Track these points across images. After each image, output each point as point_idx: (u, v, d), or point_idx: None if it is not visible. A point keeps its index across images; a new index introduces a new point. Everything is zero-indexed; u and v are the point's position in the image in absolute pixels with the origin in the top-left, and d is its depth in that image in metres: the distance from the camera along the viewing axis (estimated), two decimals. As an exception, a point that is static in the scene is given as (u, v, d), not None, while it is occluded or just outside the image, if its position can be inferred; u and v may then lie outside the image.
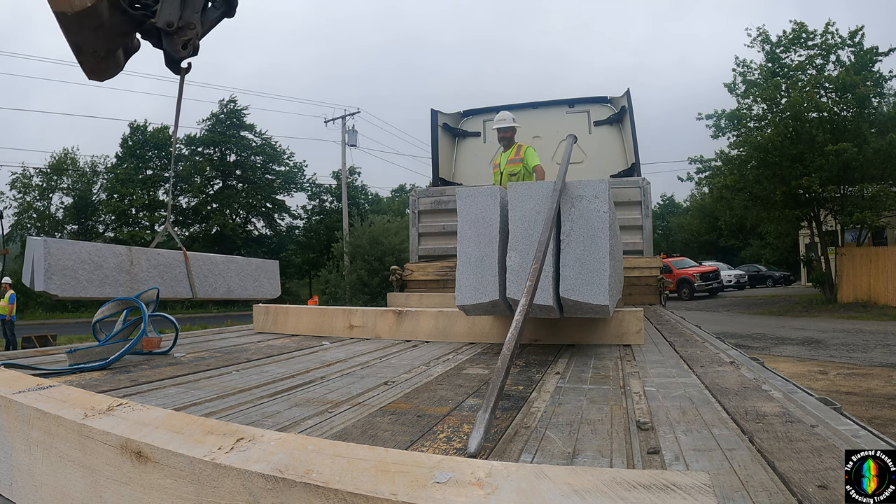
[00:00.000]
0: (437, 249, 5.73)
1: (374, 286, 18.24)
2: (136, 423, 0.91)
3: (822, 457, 1.01)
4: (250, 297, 3.45)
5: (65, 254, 2.33)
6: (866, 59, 17.59)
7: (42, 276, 2.28)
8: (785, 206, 19.22)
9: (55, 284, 2.29)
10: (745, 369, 1.90)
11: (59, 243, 2.31)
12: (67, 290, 2.37)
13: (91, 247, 2.56)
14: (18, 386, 1.17)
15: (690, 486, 0.64)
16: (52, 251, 2.30)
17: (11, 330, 13.67)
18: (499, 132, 5.48)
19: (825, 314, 17.05)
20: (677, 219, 49.39)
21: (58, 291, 2.33)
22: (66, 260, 2.34)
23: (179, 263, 2.94)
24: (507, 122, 5.49)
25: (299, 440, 0.83)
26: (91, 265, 2.45)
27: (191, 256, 3.01)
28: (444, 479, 0.67)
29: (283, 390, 1.73)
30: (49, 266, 2.28)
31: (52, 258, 2.29)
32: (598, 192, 2.29)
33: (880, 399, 6.29)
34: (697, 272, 26.43)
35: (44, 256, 2.28)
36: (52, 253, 2.30)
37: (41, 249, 2.29)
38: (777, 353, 9.82)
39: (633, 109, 6.11)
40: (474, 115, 6.88)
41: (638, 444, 1.14)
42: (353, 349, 2.68)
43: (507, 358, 1.39)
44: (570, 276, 2.22)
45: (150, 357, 2.45)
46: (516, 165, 5.34)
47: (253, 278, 3.35)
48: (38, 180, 34.86)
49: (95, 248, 2.58)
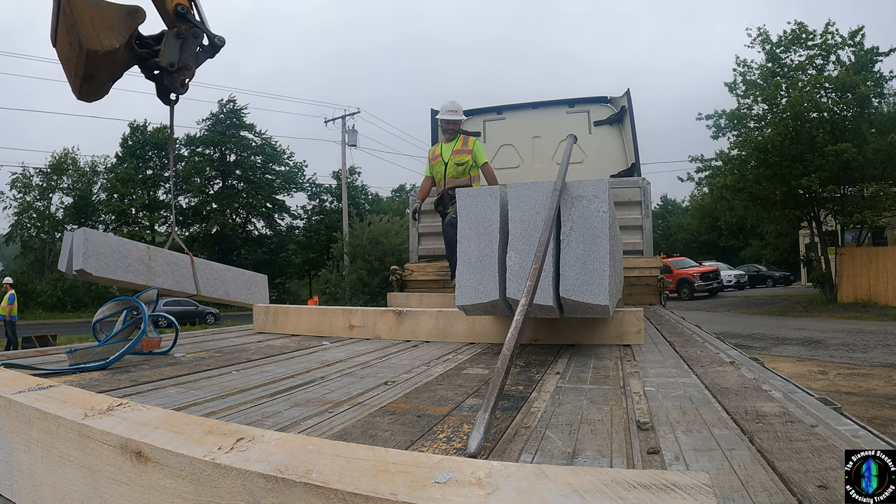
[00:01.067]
0: (437, 249, 5.73)
1: (374, 286, 18.26)
2: (136, 423, 0.91)
3: (822, 457, 1.01)
4: (244, 302, 3.89)
5: (99, 242, 2.82)
6: (866, 59, 17.59)
7: (81, 258, 2.73)
8: (785, 206, 19.22)
9: (91, 265, 2.75)
10: (745, 369, 1.90)
11: (95, 234, 2.79)
12: (100, 271, 2.83)
13: (119, 240, 3.08)
14: (18, 386, 1.17)
15: (690, 486, 0.64)
16: (90, 239, 2.78)
17: (13, 330, 13.66)
18: (446, 123, 5.30)
19: (825, 314, 17.05)
20: (677, 219, 49.39)
21: (92, 271, 2.79)
22: (100, 248, 2.80)
23: (187, 265, 3.42)
24: (457, 115, 5.36)
25: (299, 440, 0.83)
26: (119, 254, 2.92)
27: (195, 261, 3.50)
28: (444, 479, 0.67)
29: (283, 390, 1.73)
30: (87, 250, 2.74)
31: (90, 244, 2.77)
32: (598, 192, 2.29)
33: (880, 399, 6.29)
34: (697, 272, 26.43)
35: (83, 242, 2.75)
36: (90, 240, 2.78)
37: (81, 237, 2.76)
38: (777, 353, 9.82)
39: (633, 109, 6.12)
40: (474, 115, 6.87)
41: (638, 444, 1.14)
42: (353, 349, 2.68)
43: (507, 358, 1.39)
44: (570, 276, 2.22)
45: (150, 357, 2.45)
46: (464, 156, 5.15)
47: (246, 287, 3.88)
48: (38, 180, 34.85)
49: (122, 241, 3.09)
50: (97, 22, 2.53)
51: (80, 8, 2.49)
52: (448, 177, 5.19)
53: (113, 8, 2.60)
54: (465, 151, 5.19)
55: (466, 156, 5.19)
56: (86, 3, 2.52)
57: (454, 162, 5.16)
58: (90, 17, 2.51)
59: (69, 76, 2.67)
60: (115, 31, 2.58)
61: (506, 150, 6.67)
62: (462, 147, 5.21)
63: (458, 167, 5.17)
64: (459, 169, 5.18)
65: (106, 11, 2.58)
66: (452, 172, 5.20)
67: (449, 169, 5.19)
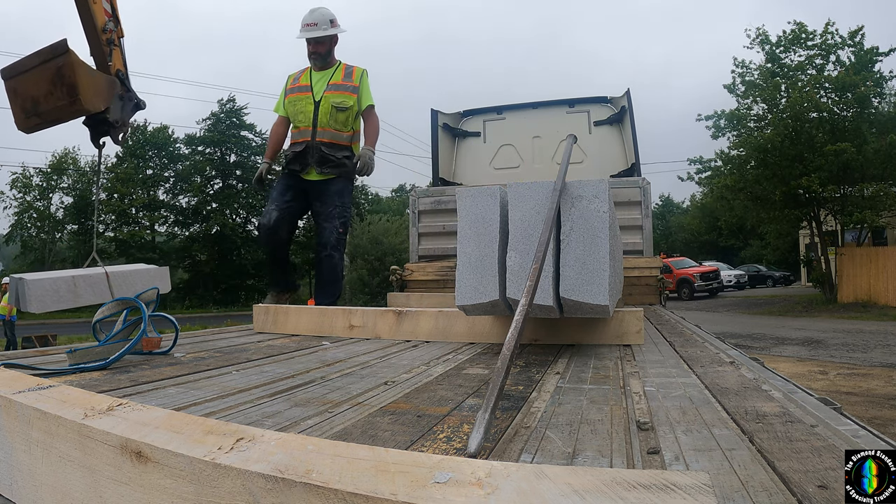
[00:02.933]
0: (437, 249, 5.72)
1: (374, 286, 18.27)
2: (136, 423, 0.91)
3: (822, 457, 1.01)
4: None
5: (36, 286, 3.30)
6: (866, 59, 17.60)
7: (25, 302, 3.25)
8: (785, 206, 19.24)
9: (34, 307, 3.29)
10: (745, 369, 1.90)
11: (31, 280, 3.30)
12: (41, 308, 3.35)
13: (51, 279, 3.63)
14: (18, 386, 1.17)
15: (690, 486, 0.64)
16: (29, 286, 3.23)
17: (12, 330, 13.67)
18: (311, 44, 3.67)
19: (825, 314, 17.06)
20: (677, 219, 49.40)
21: (35, 311, 3.32)
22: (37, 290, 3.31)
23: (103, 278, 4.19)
24: (326, 30, 3.62)
25: (299, 440, 0.83)
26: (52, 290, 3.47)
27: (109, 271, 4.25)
28: (444, 479, 0.67)
29: (283, 390, 1.73)
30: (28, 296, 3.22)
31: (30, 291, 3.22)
32: (598, 192, 2.29)
33: (880, 399, 6.30)
34: (697, 272, 26.45)
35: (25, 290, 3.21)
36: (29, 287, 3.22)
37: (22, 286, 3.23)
38: (777, 353, 9.82)
39: (633, 109, 6.12)
40: (474, 115, 6.87)
41: (638, 444, 1.14)
42: (353, 349, 2.68)
43: (507, 358, 1.39)
44: (570, 276, 2.22)
45: (150, 357, 2.45)
46: (347, 95, 3.69)
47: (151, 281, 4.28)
48: (38, 180, 34.85)
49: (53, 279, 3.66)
50: (92, 88, 3.07)
51: (82, 74, 2.99)
52: (321, 125, 3.69)
53: (101, 77, 3.17)
54: (349, 89, 3.71)
55: (350, 96, 3.71)
56: (86, 70, 3.03)
57: (332, 104, 3.68)
58: (88, 83, 3.03)
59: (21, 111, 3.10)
60: (102, 96, 3.15)
61: (506, 150, 6.66)
62: (343, 81, 3.71)
63: (339, 114, 3.71)
64: (340, 117, 3.71)
65: (98, 79, 3.14)
66: (327, 121, 3.69)
67: (322, 113, 3.67)
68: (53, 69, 2.97)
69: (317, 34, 3.62)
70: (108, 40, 3.21)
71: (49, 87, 2.99)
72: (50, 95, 3.00)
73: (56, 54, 2.96)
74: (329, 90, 3.68)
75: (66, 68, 2.96)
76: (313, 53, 3.71)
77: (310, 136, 3.70)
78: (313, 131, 3.69)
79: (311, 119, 3.67)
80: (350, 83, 3.71)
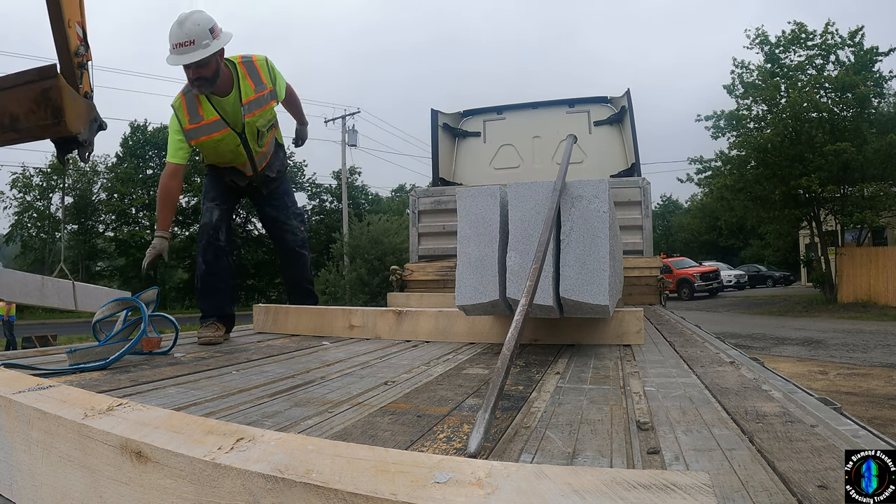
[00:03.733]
0: (437, 249, 5.72)
1: (374, 286, 18.23)
2: (136, 423, 0.91)
3: (822, 457, 1.01)
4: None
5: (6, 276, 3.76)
6: (866, 59, 17.59)
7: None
8: (785, 206, 19.23)
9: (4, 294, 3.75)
10: (745, 369, 1.90)
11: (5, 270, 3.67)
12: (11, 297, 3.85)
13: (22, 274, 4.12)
14: (18, 386, 1.17)
15: (690, 486, 0.64)
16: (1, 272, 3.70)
17: (10, 329, 13.67)
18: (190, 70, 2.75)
19: (825, 314, 17.06)
20: (677, 219, 49.40)
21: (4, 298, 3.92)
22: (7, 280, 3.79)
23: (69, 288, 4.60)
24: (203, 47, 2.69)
25: (299, 440, 0.83)
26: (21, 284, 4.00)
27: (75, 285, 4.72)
28: (444, 479, 0.67)
29: (283, 390, 1.73)
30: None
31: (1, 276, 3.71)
32: (598, 192, 2.29)
33: (880, 399, 6.30)
34: (697, 272, 26.44)
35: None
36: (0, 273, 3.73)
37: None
38: (777, 353, 9.82)
39: (633, 109, 6.11)
40: (474, 115, 6.87)
41: (638, 444, 1.14)
42: (353, 349, 2.68)
43: (507, 358, 1.39)
44: (570, 276, 2.22)
45: (150, 357, 2.45)
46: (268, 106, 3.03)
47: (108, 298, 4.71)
48: (38, 180, 34.86)
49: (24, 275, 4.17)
50: (75, 111, 3.21)
51: (67, 98, 3.12)
52: (256, 153, 3.13)
53: (81, 101, 3.31)
54: (266, 97, 3.01)
55: (270, 104, 3.05)
56: (70, 94, 3.16)
57: (258, 127, 3.03)
58: (72, 106, 3.16)
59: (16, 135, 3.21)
60: (82, 119, 3.31)
61: (506, 150, 6.66)
62: (256, 89, 2.96)
63: (268, 132, 3.13)
64: (268, 134, 3.15)
65: (79, 103, 3.27)
66: (260, 146, 3.13)
67: (252, 141, 3.03)
68: (38, 90, 3.10)
69: (197, 56, 2.70)
70: (80, 63, 3.34)
71: (32, 105, 3.11)
72: (32, 114, 3.12)
73: (43, 77, 3.09)
74: (248, 112, 2.95)
75: (54, 91, 3.09)
76: (197, 80, 2.80)
77: (251, 170, 3.22)
78: (253, 165, 3.18)
79: (246, 155, 3.09)
80: (262, 85, 2.99)
